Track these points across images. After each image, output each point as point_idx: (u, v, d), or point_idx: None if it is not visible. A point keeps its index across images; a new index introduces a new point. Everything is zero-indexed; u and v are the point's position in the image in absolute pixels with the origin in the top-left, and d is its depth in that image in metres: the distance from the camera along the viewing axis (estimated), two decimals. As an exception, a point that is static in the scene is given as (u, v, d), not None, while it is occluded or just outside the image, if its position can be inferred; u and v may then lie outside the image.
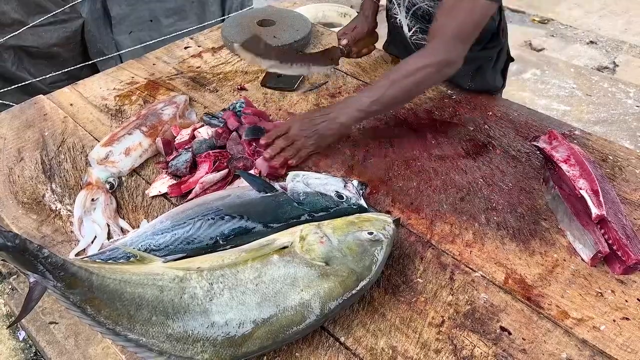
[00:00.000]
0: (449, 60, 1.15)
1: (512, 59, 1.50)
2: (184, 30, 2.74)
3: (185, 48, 1.69)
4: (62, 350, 0.87)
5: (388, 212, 1.09)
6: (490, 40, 1.38)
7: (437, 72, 1.16)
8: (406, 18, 1.37)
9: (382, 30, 1.56)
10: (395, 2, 1.39)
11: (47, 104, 1.42)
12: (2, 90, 2.26)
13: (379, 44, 1.59)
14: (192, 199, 1.08)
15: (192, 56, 1.65)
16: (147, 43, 2.62)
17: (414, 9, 1.33)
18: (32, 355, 0.98)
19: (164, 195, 1.13)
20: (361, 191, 1.06)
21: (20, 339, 0.99)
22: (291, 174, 1.07)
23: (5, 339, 1.00)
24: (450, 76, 1.20)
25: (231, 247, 0.91)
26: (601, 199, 0.98)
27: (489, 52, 1.41)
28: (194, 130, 1.25)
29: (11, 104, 1.45)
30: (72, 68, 2.47)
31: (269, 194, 1.01)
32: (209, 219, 0.95)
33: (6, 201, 1.12)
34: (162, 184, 1.13)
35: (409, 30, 1.40)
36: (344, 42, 1.45)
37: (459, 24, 1.13)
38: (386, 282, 0.95)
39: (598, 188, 0.99)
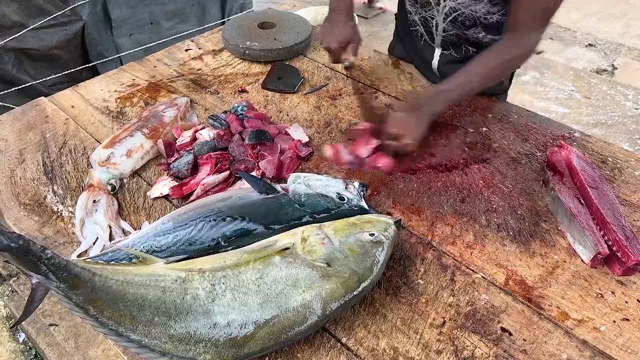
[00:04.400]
0: (533, 50, 1.17)
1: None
2: (184, 33, 2.74)
3: (186, 50, 1.70)
4: (62, 352, 0.87)
5: (389, 214, 1.10)
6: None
7: (521, 62, 1.22)
8: (443, 22, 1.33)
9: (383, 33, 1.55)
10: (432, 5, 1.32)
11: (49, 106, 1.42)
12: (2, 93, 2.26)
13: (383, 46, 1.57)
14: (193, 200, 1.08)
15: (192, 58, 1.65)
16: (148, 45, 2.62)
17: (455, 14, 1.28)
18: (32, 357, 0.97)
19: (166, 196, 1.13)
20: (362, 193, 1.06)
21: (20, 340, 0.99)
22: (292, 175, 1.08)
23: (5, 341, 1.00)
24: None
25: (233, 249, 0.91)
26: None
27: None
28: (195, 132, 1.26)
29: (12, 106, 1.45)
30: (73, 70, 2.47)
31: (270, 196, 1.01)
32: (210, 221, 0.95)
33: (8, 203, 1.12)
34: (163, 186, 1.14)
35: (443, 32, 1.35)
36: (352, 59, 1.35)
37: (542, 9, 1.11)
38: (387, 283, 0.95)
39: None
